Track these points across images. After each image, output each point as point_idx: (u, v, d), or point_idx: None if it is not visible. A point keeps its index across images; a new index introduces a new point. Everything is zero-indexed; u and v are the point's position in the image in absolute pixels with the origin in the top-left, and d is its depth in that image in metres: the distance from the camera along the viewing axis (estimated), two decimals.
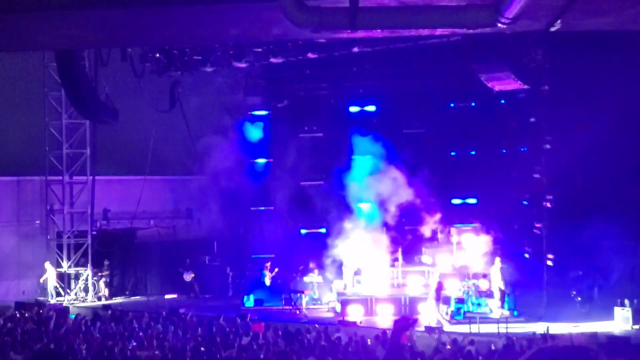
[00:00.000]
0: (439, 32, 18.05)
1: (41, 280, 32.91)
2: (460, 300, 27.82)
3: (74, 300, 32.95)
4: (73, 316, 26.99)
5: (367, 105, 34.23)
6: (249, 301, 31.03)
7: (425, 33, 19.72)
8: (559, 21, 14.54)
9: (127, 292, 34.65)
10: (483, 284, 28.11)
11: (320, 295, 30.87)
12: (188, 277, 33.60)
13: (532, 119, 30.03)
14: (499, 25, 13.28)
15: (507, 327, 24.84)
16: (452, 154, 34.08)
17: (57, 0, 14.30)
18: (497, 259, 28.03)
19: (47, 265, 32.93)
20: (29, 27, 16.46)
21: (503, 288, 27.53)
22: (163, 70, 30.14)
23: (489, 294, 27.83)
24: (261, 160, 34.52)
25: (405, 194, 32.53)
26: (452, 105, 33.73)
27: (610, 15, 15.52)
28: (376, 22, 13.51)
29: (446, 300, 28.02)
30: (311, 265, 31.08)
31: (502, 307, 27.53)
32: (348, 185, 32.42)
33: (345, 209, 32.52)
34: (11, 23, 15.74)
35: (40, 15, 14.97)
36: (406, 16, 13.54)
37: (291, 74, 33.01)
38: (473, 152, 33.57)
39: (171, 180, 35.73)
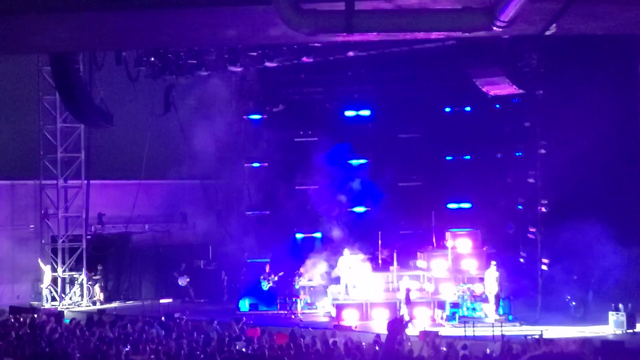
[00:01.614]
0: (434, 35, 18.11)
1: (43, 283, 32.95)
2: (455, 305, 27.86)
3: (69, 304, 32.89)
4: (67, 321, 26.96)
5: (362, 109, 34.22)
6: (244, 306, 30.97)
7: (421, 37, 19.80)
8: (554, 25, 14.57)
9: (122, 297, 34.59)
10: (478, 288, 28.12)
11: (314, 300, 30.83)
12: (183, 281, 33.55)
13: (527, 124, 30.05)
14: (495, 28, 13.29)
15: (502, 331, 24.85)
16: (447, 158, 34.06)
17: (52, 3, 14.29)
18: (492, 263, 28.03)
19: (42, 264, 32.98)
20: (23, 30, 16.43)
21: (498, 292, 27.53)
22: (158, 74, 30.11)
23: (483, 298, 27.84)
24: (256, 165, 34.46)
25: (400, 199, 32.62)
26: (447, 109, 33.75)
27: (605, 19, 15.57)
28: (372, 25, 13.52)
29: (441, 305, 28.10)
30: (301, 269, 31.04)
31: (497, 311, 27.53)
32: (343, 189, 32.48)
33: (341, 213, 32.60)
34: (5, 26, 15.71)
35: (34, 18, 14.95)
36: (402, 19, 13.55)
37: (286, 78, 33.01)
38: (468, 157, 33.56)
39: (166, 185, 35.62)
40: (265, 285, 31.38)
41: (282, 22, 13.28)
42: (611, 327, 25.67)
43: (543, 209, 28.65)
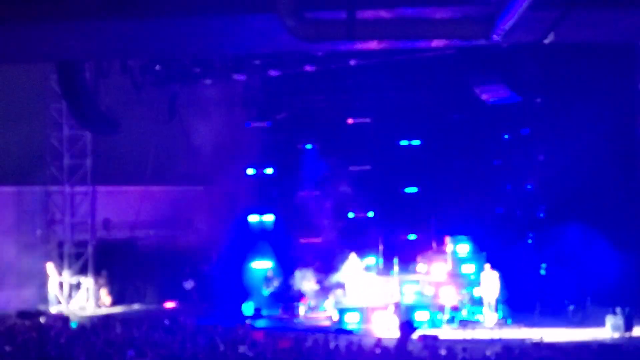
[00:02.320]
0: (434, 44, 18.41)
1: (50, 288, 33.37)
2: (455, 308, 28.16)
3: (75, 309, 33.19)
4: (74, 325, 27.17)
5: (364, 116, 34.53)
6: (248, 310, 31.22)
7: (422, 45, 20.11)
8: (552, 33, 14.88)
9: (127, 301, 34.81)
10: (477, 292, 28.39)
11: (317, 304, 31.09)
12: (188, 285, 33.79)
13: (525, 131, 30.31)
14: (494, 37, 13.63)
15: (500, 334, 25.11)
16: (447, 164, 34.29)
17: (58, 12, 14.61)
18: (487, 266, 28.27)
19: (50, 267, 33.38)
20: (30, 39, 16.76)
21: (497, 296, 27.79)
22: (163, 82, 30.38)
23: (482, 302, 28.10)
24: (259, 171, 34.75)
25: (400, 205, 32.90)
26: (447, 117, 34.02)
27: (603, 27, 15.87)
28: (373, 33, 13.83)
29: (441, 308, 28.40)
30: (299, 274, 31.35)
31: (496, 314, 27.80)
32: (344, 196, 32.75)
33: (342, 218, 32.87)
34: (13, 34, 16.05)
35: (41, 27, 15.27)
36: (402, 28, 13.86)
37: (289, 86, 33.37)
38: (467, 163, 33.80)
39: (170, 191, 35.83)
40: (266, 291, 31.64)
41: (285, 30, 13.60)
42: (608, 330, 25.83)
43: (541, 215, 28.95)
